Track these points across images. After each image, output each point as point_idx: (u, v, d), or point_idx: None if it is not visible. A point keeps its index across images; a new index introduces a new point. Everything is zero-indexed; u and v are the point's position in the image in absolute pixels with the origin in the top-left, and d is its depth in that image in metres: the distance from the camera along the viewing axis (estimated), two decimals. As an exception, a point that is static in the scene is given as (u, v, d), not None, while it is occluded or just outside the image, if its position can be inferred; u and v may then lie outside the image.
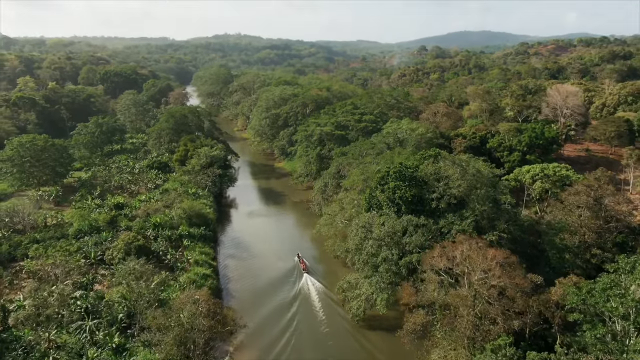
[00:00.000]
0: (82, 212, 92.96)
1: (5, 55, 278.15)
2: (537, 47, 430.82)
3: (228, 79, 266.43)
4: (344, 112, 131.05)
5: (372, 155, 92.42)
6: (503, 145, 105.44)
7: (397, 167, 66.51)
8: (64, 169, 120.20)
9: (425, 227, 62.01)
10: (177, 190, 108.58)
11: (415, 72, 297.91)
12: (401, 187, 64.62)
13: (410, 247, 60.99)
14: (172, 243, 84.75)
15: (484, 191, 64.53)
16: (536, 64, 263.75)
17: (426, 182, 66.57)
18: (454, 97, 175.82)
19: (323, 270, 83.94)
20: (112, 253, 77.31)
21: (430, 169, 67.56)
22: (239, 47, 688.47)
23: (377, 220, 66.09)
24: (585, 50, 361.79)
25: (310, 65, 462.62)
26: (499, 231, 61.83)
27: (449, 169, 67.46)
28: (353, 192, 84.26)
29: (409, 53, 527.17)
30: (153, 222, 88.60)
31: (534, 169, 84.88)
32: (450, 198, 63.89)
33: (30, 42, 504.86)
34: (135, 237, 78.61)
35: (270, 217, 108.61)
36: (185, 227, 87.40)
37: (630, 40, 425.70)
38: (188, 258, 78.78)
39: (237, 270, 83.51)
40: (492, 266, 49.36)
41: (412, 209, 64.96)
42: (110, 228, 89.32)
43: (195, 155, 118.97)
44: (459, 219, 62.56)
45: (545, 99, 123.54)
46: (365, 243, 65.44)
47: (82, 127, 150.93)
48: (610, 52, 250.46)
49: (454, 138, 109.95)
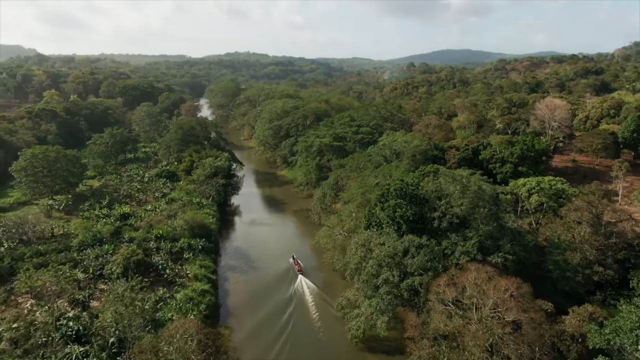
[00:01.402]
0: (87, 223, 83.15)
1: (34, 71, 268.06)
2: (513, 63, 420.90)
3: (236, 92, 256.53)
4: (342, 124, 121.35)
5: (370, 169, 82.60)
6: (495, 157, 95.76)
7: (398, 184, 56.78)
8: (76, 178, 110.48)
9: (427, 248, 52.26)
10: (182, 200, 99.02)
11: (406, 86, 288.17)
12: (402, 206, 54.89)
13: (412, 269, 51.30)
14: (172, 256, 74.95)
15: (487, 210, 54.76)
16: (517, 78, 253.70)
17: (427, 200, 56.80)
18: (443, 110, 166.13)
19: (323, 281, 74.53)
20: (111, 267, 67.59)
21: (431, 186, 57.73)
22: (247, 64, 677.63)
23: (377, 239, 56.42)
24: (557, 67, 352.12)
25: (311, 79, 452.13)
26: (503, 252, 52.09)
27: (450, 185, 57.73)
28: (351, 204, 74.52)
29: (399, 69, 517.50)
30: (155, 234, 78.92)
31: (529, 182, 75.11)
32: (453, 217, 54.14)
33: (62, 59, 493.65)
34: (134, 252, 68.77)
35: (271, 225, 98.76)
36: (186, 240, 77.56)
37: (596, 58, 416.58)
38: (187, 273, 69.00)
39: (236, 282, 73.65)
40: (505, 298, 39.66)
41: (413, 227, 55.21)
42: (115, 239, 79.57)
43: (200, 166, 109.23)
44: (462, 239, 52.82)
45: (534, 112, 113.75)
46: (365, 263, 55.83)
47: (97, 137, 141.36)
48: (583, 68, 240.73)
49: (447, 150, 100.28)
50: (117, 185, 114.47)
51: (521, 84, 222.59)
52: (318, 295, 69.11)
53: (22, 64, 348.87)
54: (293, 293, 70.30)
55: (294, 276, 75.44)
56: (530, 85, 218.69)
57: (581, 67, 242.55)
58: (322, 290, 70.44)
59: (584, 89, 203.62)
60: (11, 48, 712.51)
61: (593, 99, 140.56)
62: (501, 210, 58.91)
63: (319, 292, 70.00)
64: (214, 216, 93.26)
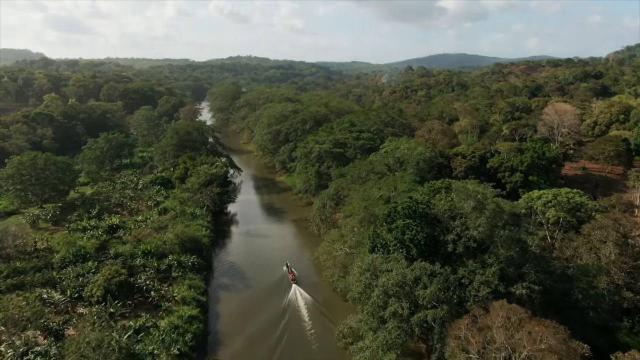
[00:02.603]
0: (70, 237, 74.82)
1: (35, 74, 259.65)
2: (510, 67, 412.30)
3: (236, 95, 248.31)
4: (342, 130, 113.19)
5: (373, 180, 74.40)
6: (504, 165, 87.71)
7: (407, 203, 48.67)
8: (66, 186, 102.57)
9: (441, 276, 44.19)
10: (175, 210, 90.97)
11: (405, 89, 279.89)
12: (412, 227, 46.79)
13: (424, 301, 43.23)
14: (160, 274, 66.90)
15: (507, 232, 46.65)
16: (516, 82, 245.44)
17: (440, 220, 48.70)
18: (444, 114, 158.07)
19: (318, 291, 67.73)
20: (91, 290, 59.56)
21: (444, 204, 49.54)
22: (249, 67, 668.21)
23: (384, 264, 48.37)
24: (553, 70, 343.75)
25: (311, 83, 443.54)
26: (528, 281, 44.03)
27: (464, 203, 49.62)
28: (353, 219, 66.43)
29: (397, 72, 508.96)
30: (143, 250, 70.82)
31: (545, 195, 67.04)
32: (470, 240, 46.06)
33: (66, 62, 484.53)
34: (117, 272, 60.69)
35: (268, 237, 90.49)
36: (175, 257, 69.39)
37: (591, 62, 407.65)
38: (174, 295, 60.85)
39: (228, 303, 65.37)
40: (541, 350, 31.64)
41: (424, 251, 47.12)
42: (100, 255, 71.46)
43: (195, 174, 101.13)
44: (480, 266, 44.77)
45: (541, 118, 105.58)
46: (370, 291, 47.80)
47: (92, 142, 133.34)
48: (583, 71, 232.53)
49: (453, 157, 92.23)
50: (109, 192, 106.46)
51: (521, 88, 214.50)
52: (313, 306, 63.22)
53: (24, 67, 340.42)
54: (287, 304, 64.33)
55: (287, 285, 69.25)
56: (530, 88, 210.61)
57: (581, 71, 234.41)
58: (317, 302, 64.34)
59: (585, 92, 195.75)
60: (19, 52, 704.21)
61: (598, 103, 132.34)
62: (522, 231, 50.79)
63: (314, 302, 64.17)
64: (207, 228, 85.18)
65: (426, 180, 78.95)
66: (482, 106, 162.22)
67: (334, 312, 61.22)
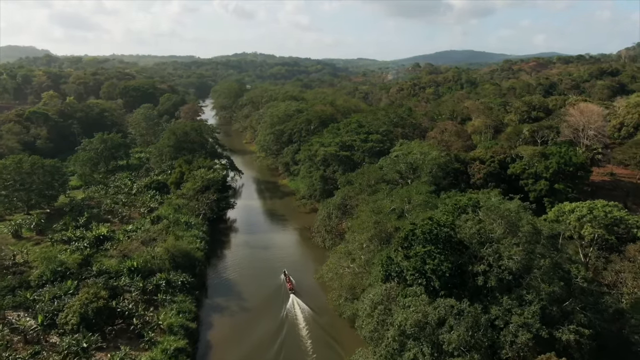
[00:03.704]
0: (49, 251, 67.48)
1: (34, 72, 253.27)
2: (520, 64, 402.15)
3: (239, 93, 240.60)
4: (349, 131, 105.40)
5: (385, 190, 66.57)
6: (527, 172, 79.66)
7: (427, 225, 40.93)
8: (54, 191, 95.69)
9: (470, 316, 36.56)
10: (168, 219, 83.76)
11: (412, 87, 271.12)
12: (433, 255, 39.13)
13: (450, 347, 35.68)
14: (146, 296, 59.73)
15: (548, 261, 38.89)
16: (528, 79, 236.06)
17: (466, 246, 41.01)
18: (456, 113, 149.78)
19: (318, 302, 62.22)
20: (65, 316, 52.44)
21: (471, 226, 41.73)
22: (254, 64, 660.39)
23: (400, 298, 40.78)
24: (564, 67, 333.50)
25: (316, 80, 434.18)
26: (576, 323, 36.33)
27: (494, 224, 41.85)
28: (362, 234, 58.81)
29: (404, 69, 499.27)
30: (128, 266, 63.64)
31: (580, 208, 59.00)
32: (504, 272, 38.35)
33: (70, 59, 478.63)
34: (95, 296, 53.49)
35: (269, 249, 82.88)
36: (163, 275, 62.13)
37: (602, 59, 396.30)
38: (159, 323, 53.52)
39: (222, 329, 58.05)
40: None
41: (448, 283, 39.47)
42: (83, 271, 64.35)
43: (191, 179, 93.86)
44: (517, 304, 37.11)
45: (566, 119, 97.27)
46: (384, 330, 40.25)
47: (87, 143, 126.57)
48: (598, 68, 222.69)
49: (470, 162, 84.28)
50: (101, 197, 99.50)
51: (534, 86, 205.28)
52: (312, 320, 58.04)
53: (24, 64, 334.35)
54: (284, 317, 59.27)
55: (285, 295, 64.22)
56: (544, 86, 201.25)
57: (596, 68, 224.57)
58: (317, 314, 59.24)
59: (601, 90, 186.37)
60: (24, 49, 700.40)
61: (622, 102, 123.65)
62: (564, 257, 42.90)
63: (313, 315, 59.09)
64: (202, 239, 77.80)
65: (443, 190, 71.31)
66: (495, 105, 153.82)
67: (335, 327, 55.95)
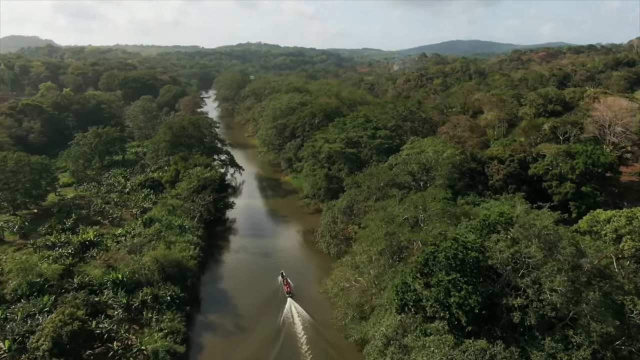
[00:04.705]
0: (27, 261, 60.99)
1: (32, 62, 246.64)
2: (529, 54, 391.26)
3: (242, 84, 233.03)
4: (356, 126, 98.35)
5: (397, 196, 59.64)
6: (551, 172, 72.54)
7: (451, 248, 34.14)
8: (41, 190, 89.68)
9: (505, 362, 29.93)
10: (161, 222, 77.44)
11: (420, 78, 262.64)
12: (459, 285, 32.42)
13: (482, 401, 29.13)
14: (130, 314, 53.55)
15: (598, 294, 32.09)
16: (541, 70, 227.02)
17: (499, 274, 34.25)
18: (467, 106, 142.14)
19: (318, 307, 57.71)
20: (37, 339, 46.33)
21: (504, 249, 34.80)
22: (258, 54, 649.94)
23: (419, 335, 34.17)
24: (575, 57, 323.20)
25: (321, 70, 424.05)
26: (635, 373, 29.69)
27: (529, 244, 34.99)
28: (372, 247, 52.12)
29: (411, 59, 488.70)
30: (113, 279, 57.39)
31: (618, 218, 52.02)
32: (545, 307, 31.60)
33: (72, 49, 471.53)
34: (71, 316, 47.25)
35: (269, 255, 76.13)
36: (150, 289, 55.79)
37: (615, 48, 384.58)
38: (142, 348, 47.30)
39: (213, 352, 51.98)
40: None
41: (478, 319, 32.77)
42: (63, 283, 58.23)
43: (186, 178, 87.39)
44: (563, 347, 30.43)
45: (590, 114, 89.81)
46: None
47: (80, 137, 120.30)
48: (614, 59, 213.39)
49: (487, 162, 77.22)
50: (92, 196, 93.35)
51: (547, 77, 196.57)
52: (312, 327, 53.93)
53: (22, 54, 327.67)
54: (281, 324, 55.13)
55: (282, 299, 60.19)
56: (558, 77, 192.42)
57: (611, 58, 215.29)
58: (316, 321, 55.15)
59: (618, 82, 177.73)
60: (27, 39, 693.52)
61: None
62: (614, 286, 35.95)
63: (313, 322, 54.92)
64: (197, 245, 71.29)
65: (459, 193, 64.52)
66: (507, 97, 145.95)
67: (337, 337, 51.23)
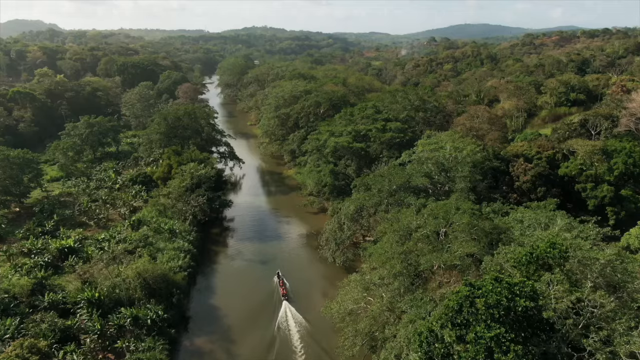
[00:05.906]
0: (-6, 274, 54.07)
1: (29, 47, 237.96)
2: (542, 38, 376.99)
3: (245, 69, 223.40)
4: (364, 118, 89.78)
5: (414, 205, 51.32)
6: (585, 173, 63.98)
7: (492, 292, 26.06)
8: (23, 186, 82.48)
9: None
10: (149, 224, 70.04)
11: (429, 63, 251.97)
12: (505, 343, 24.47)
13: None
14: (104, 342, 46.21)
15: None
16: (554, 54, 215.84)
17: (555, 328, 26.24)
18: (482, 94, 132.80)
19: None
20: (-9, 377, 39.27)
21: (561, 295, 26.74)
22: (264, 39, 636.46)
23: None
24: (590, 42, 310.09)
25: (327, 55, 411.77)
26: None
27: (595, 287, 26.88)
28: (385, 268, 44.26)
29: (419, 44, 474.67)
30: (88, 297, 50.03)
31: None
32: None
33: (73, 34, 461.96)
34: (30, 350, 40.04)
35: (267, 262, 68.12)
36: (128, 311, 48.36)
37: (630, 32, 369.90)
38: (114, 388, 40.11)
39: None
40: None
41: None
42: (33, 300, 51.16)
43: (179, 174, 79.60)
44: None
45: (625, 105, 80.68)
46: None
47: (71, 127, 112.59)
48: (635, 43, 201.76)
49: (512, 159, 68.68)
50: (78, 193, 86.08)
51: (565, 62, 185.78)
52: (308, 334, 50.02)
53: (25, 38, 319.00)
54: (276, 330, 51.19)
55: (277, 302, 56.37)
56: (576, 63, 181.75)
57: (633, 43, 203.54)
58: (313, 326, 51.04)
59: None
60: (31, 23, 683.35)
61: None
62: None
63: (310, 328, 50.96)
64: (187, 253, 63.75)
65: (483, 199, 56.31)
66: (524, 84, 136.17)
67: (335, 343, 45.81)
